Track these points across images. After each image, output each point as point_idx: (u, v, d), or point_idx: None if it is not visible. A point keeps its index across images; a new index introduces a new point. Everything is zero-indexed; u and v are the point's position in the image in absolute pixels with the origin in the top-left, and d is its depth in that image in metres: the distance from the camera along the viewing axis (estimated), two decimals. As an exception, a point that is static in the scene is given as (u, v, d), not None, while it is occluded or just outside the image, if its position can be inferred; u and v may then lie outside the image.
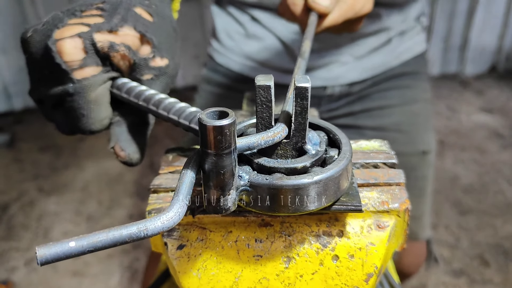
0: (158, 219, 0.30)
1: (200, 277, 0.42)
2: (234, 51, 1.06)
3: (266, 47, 1.03)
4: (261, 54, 1.03)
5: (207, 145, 0.32)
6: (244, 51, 1.05)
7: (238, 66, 1.06)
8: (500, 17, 3.28)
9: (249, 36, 1.03)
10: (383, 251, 0.42)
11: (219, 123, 0.31)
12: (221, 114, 0.33)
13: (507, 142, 2.63)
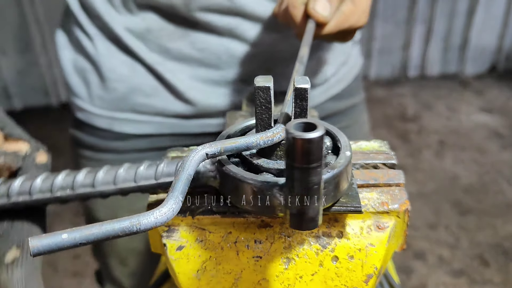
0: (151, 214, 0.29)
1: (199, 278, 0.42)
2: (94, 103, 0.79)
3: (135, 87, 0.77)
4: (132, 99, 0.78)
5: (294, 159, 0.30)
6: (107, 100, 0.78)
7: (105, 122, 0.80)
8: (500, 17, 3.28)
9: (106, 75, 0.76)
10: (382, 252, 0.42)
11: (310, 135, 0.29)
12: (307, 126, 0.31)
13: (507, 142, 2.63)
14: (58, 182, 0.36)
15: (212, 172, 0.39)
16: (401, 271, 1.83)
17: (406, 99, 3.16)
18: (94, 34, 0.76)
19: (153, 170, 0.38)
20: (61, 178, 0.37)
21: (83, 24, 0.76)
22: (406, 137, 2.73)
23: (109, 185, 0.37)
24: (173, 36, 0.73)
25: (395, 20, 3.23)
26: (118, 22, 0.73)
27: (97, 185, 0.37)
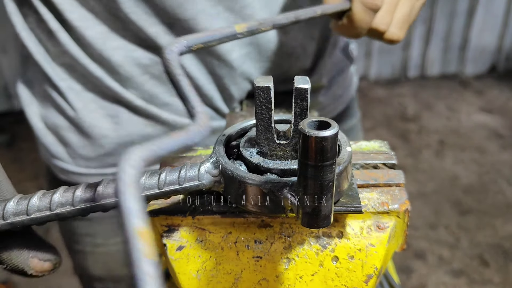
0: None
1: (199, 279, 0.42)
2: (77, 163, 0.71)
3: (124, 140, 0.68)
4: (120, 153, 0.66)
5: (309, 157, 0.30)
6: (90, 159, 0.70)
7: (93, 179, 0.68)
8: (500, 17, 3.28)
9: (88, 132, 0.67)
10: (383, 252, 0.42)
11: (323, 133, 0.29)
12: (321, 124, 0.31)
13: (507, 142, 2.63)
14: (56, 199, 0.35)
15: (216, 177, 0.38)
16: (401, 271, 1.83)
17: (406, 99, 3.16)
18: (65, 88, 0.66)
19: (156, 179, 0.37)
20: (59, 195, 0.35)
21: (50, 76, 0.65)
22: (406, 137, 2.73)
23: (110, 198, 0.35)
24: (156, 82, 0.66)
25: (395, 20, 3.23)
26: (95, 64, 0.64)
27: (98, 199, 0.35)
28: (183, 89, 0.28)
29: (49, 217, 0.35)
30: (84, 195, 0.35)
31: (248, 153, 0.40)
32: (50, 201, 0.35)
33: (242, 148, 0.41)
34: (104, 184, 0.36)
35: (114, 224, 0.76)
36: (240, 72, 0.67)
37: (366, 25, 0.54)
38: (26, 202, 0.35)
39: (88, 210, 0.35)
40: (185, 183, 0.37)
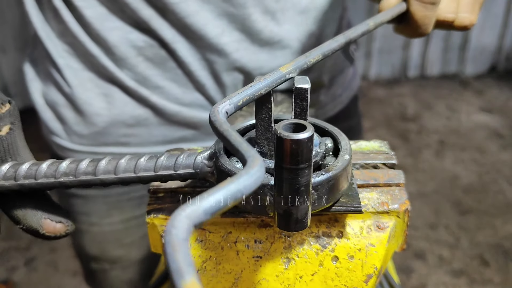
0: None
1: (199, 278, 0.42)
2: (72, 140, 0.73)
3: (116, 119, 0.70)
4: (113, 133, 0.71)
5: (284, 160, 0.30)
6: (85, 135, 0.72)
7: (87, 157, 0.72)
8: (500, 17, 3.28)
9: (82, 109, 0.70)
10: (383, 252, 0.42)
11: (298, 136, 0.29)
12: (297, 127, 0.31)
13: (507, 142, 2.63)
14: (62, 169, 0.38)
15: (210, 168, 0.39)
16: (401, 271, 1.83)
17: (406, 99, 3.16)
18: (63, 65, 0.68)
19: (153, 163, 0.38)
20: (65, 165, 0.38)
21: (51, 53, 0.68)
22: (406, 137, 2.73)
23: (110, 175, 0.38)
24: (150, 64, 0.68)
25: (395, 20, 3.23)
26: (93, 43, 0.67)
27: (98, 173, 0.37)
28: (232, 142, 0.28)
29: (53, 184, 0.37)
30: (87, 168, 0.37)
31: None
32: (56, 170, 0.38)
33: (242, 148, 0.41)
34: (106, 160, 0.38)
35: (108, 204, 0.79)
36: (232, 59, 0.67)
37: (430, 20, 0.52)
38: (36, 167, 0.38)
39: (88, 182, 0.38)
40: (180, 170, 0.38)
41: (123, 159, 0.38)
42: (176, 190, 0.46)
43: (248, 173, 0.23)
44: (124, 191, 0.78)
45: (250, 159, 0.25)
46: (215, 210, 0.21)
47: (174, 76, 0.69)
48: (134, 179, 0.38)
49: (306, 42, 0.71)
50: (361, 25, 0.46)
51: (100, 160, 0.38)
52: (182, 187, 0.46)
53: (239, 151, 0.27)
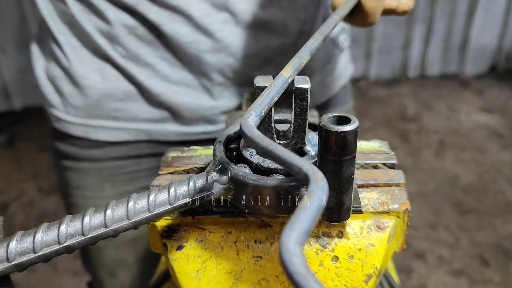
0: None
1: (199, 278, 0.42)
2: (68, 111, 0.78)
3: (108, 93, 0.75)
4: (105, 105, 0.76)
5: (330, 152, 0.30)
6: (80, 107, 0.77)
7: (81, 129, 0.78)
8: (500, 17, 3.28)
9: (78, 81, 0.75)
10: (382, 252, 0.42)
11: (345, 128, 0.30)
12: (340, 119, 0.31)
13: (507, 142, 2.63)
14: (64, 231, 0.33)
15: (225, 185, 0.37)
16: (401, 271, 1.83)
17: (406, 99, 3.16)
18: (63, 41, 0.74)
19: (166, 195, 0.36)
20: (66, 225, 0.33)
21: (53, 31, 0.74)
22: (406, 137, 2.73)
23: (123, 222, 0.34)
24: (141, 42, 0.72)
25: (395, 20, 3.23)
26: (90, 22, 0.72)
27: (109, 224, 0.34)
28: (282, 156, 0.28)
29: (58, 251, 0.32)
30: (94, 221, 0.33)
31: (248, 153, 0.40)
32: (58, 234, 0.32)
33: (242, 149, 0.41)
34: (112, 206, 0.35)
35: (101, 177, 0.81)
36: (216, 39, 0.71)
37: (379, 10, 0.56)
38: (30, 238, 0.32)
39: (100, 237, 0.33)
40: (195, 196, 0.37)
41: (131, 201, 0.35)
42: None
43: (320, 188, 0.24)
44: (116, 166, 0.81)
45: (310, 172, 0.25)
46: (312, 228, 0.22)
47: (163, 54, 0.73)
48: (151, 218, 0.35)
49: (290, 26, 0.74)
50: (330, 20, 0.49)
51: (105, 210, 0.34)
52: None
53: (293, 164, 0.27)
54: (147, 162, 0.82)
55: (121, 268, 0.89)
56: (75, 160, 0.82)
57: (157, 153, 0.80)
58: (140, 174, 0.82)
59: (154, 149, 0.80)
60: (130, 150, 0.80)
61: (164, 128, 0.79)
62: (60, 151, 0.83)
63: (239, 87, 0.77)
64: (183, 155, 0.51)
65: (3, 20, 2.82)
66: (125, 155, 0.81)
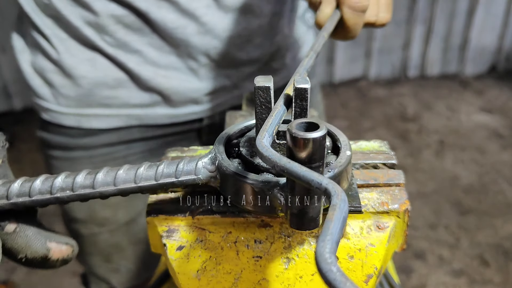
0: None
1: (199, 278, 0.42)
2: (59, 102, 0.79)
3: (98, 82, 0.77)
4: (97, 94, 0.78)
5: (296, 158, 0.30)
6: (71, 97, 0.78)
7: (73, 119, 0.80)
8: (500, 17, 3.28)
9: (68, 73, 0.77)
10: (382, 252, 0.42)
11: (311, 135, 0.29)
12: (309, 126, 0.31)
13: (507, 142, 2.63)
14: (57, 184, 0.36)
15: (213, 172, 0.39)
16: (401, 271, 1.83)
17: (406, 99, 3.16)
18: (51, 35, 0.75)
19: (153, 171, 0.38)
20: (61, 180, 0.36)
21: (38, 25, 0.75)
22: (406, 137, 2.73)
23: (109, 186, 0.37)
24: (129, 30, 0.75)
25: (395, 20, 3.23)
26: (76, 15, 0.73)
27: (97, 186, 0.36)
28: (300, 174, 0.29)
29: (49, 200, 0.36)
30: (84, 181, 0.37)
31: (248, 152, 0.40)
32: (52, 185, 0.36)
33: (241, 148, 0.41)
34: (104, 171, 0.37)
35: (93, 164, 0.83)
36: (201, 22, 0.75)
37: (360, 25, 0.59)
38: (29, 184, 0.36)
39: (87, 196, 0.37)
40: (181, 176, 0.38)
41: (121, 169, 0.37)
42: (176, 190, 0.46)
43: (341, 200, 0.26)
44: (108, 152, 0.83)
45: (329, 186, 0.27)
46: (341, 237, 0.25)
47: (150, 40, 0.76)
48: (135, 189, 0.37)
49: (264, 8, 0.80)
50: (320, 38, 0.52)
51: (97, 172, 0.37)
52: (182, 187, 0.46)
53: (313, 180, 0.28)
54: (137, 147, 0.85)
55: (116, 252, 0.92)
56: (67, 149, 0.84)
57: (148, 137, 0.84)
58: (131, 159, 0.85)
59: (145, 133, 0.84)
60: (121, 136, 0.83)
61: (154, 112, 0.82)
62: (50, 142, 0.85)
63: (222, 68, 0.82)
64: (183, 155, 0.51)
65: (3, 20, 2.82)
66: (117, 141, 0.83)
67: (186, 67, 0.79)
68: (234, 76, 0.85)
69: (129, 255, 0.93)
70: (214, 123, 0.89)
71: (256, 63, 0.86)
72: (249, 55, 0.83)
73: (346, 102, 3.14)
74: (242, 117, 0.67)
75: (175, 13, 0.73)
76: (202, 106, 0.84)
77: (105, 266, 0.93)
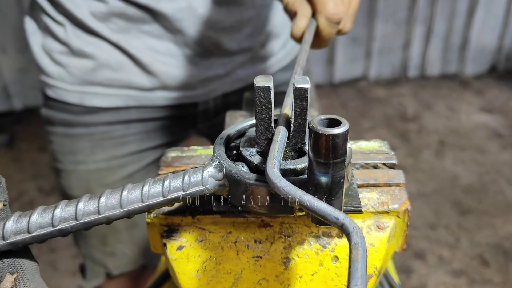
0: None
1: (199, 278, 0.42)
2: (64, 80, 0.85)
3: (102, 63, 0.84)
4: (100, 74, 0.84)
5: (320, 154, 0.30)
6: (77, 76, 0.84)
7: (76, 96, 0.86)
8: (500, 17, 3.28)
9: (76, 54, 0.83)
10: (383, 252, 0.42)
11: (335, 131, 0.29)
12: (331, 122, 0.31)
13: (507, 142, 2.63)
14: (58, 214, 0.34)
15: (220, 181, 0.38)
16: (401, 271, 1.83)
17: (406, 99, 3.16)
18: (60, 21, 0.82)
19: (160, 187, 0.36)
20: (61, 209, 0.34)
21: (50, 13, 0.82)
22: (406, 137, 2.73)
23: (116, 210, 0.35)
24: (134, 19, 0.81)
25: (395, 20, 3.23)
26: (82, 7, 0.79)
27: (102, 211, 0.34)
28: (316, 207, 0.29)
29: (51, 233, 0.34)
30: (88, 207, 0.34)
31: (248, 153, 0.40)
32: (52, 217, 0.34)
33: (242, 148, 0.41)
34: (107, 194, 0.35)
35: (92, 141, 0.89)
36: (199, 13, 0.80)
37: (333, 35, 0.62)
38: (26, 219, 0.33)
39: (92, 223, 0.34)
40: (189, 189, 0.37)
41: (125, 190, 0.36)
42: (176, 190, 0.46)
43: (361, 238, 0.27)
44: (107, 130, 0.89)
45: (346, 222, 0.28)
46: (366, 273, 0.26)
47: (151, 28, 0.82)
48: (144, 209, 0.36)
49: (259, 1, 0.86)
50: (303, 52, 0.54)
51: (99, 197, 0.35)
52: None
53: (329, 214, 0.29)
54: (135, 127, 0.90)
55: (112, 234, 0.95)
56: (69, 126, 0.89)
57: (145, 118, 0.90)
58: (129, 139, 0.90)
59: (142, 114, 0.89)
60: (120, 115, 0.88)
61: (152, 95, 0.88)
62: (53, 119, 0.90)
63: (216, 57, 0.88)
64: (183, 155, 0.51)
65: (3, 20, 2.81)
66: (115, 120, 0.88)
67: (183, 55, 0.85)
68: (227, 64, 0.90)
69: (125, 239, 0.96)
70: (208, 109, 0.94)
71: (247, 52, 0.91)
72: (240, 44, 0.89)
73: (346, 102, 3.14)
74: (242, 117, 0.68)
75: (173, 6, 0.79)
76: (196, 91, 0.89)
77: (101, 249, 0.96)
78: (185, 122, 0.96)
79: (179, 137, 1.00)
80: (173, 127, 0.95)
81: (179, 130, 0.97)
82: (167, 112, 0.91)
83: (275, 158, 0.33)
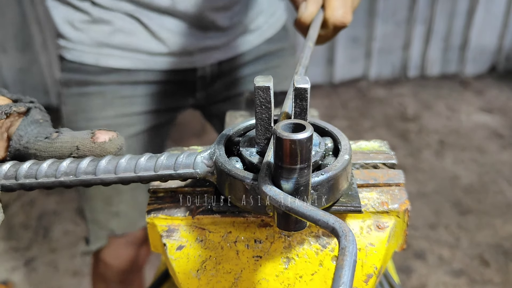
0: None
1: (199, 278, 0.42)
2: (83, 43, 0.98)
3: (118, 29, 0.97)
4: (116, 38, 0.97)
5: (282, 159, 0.30)
6: (95, 39, 0.97)
7: (93, 57, 0.98)
8: (500, 17, 3.28)
9: (96, 21, 0.96)
10: (382, 251, 0.42)
11: (297, 136, 0.29)
12: (296, 127, 0.31)
13: (507, 142, 2.63)
14: (62, 168, 0.38)
15: (210, 167, 0.39)
16: (401, 271, 1.83)
17: (406, 99, 3.16)
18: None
19: (153, 162, 0.38)
20: (66, 165, 0.38)
21: None
22: (406, 137, 2.73)
23: (110, 174, 0.38)
24: None
25: (395, 20, 3.23)
26: None
27: (98, 173, 0.38)
28: (306, 213, 0.29)
29: (53, 184, 0.38)
30: (87, 168, 0.38)
31: (247, 152, 0.40)
32: (57, 169, 0.38)
33: (241, 147, 0.41)
34: (106, 159, 0.38)
35: (103, 99, 1.00)
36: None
37: (331, 39, 0.64)
38: (37, 167, 0.38)
39: (88, 182, 0.38)
40: (179, 169, 0.38)
41: (123, 158, 0.38)
42: (176, 190, 0.46)
43: (350, 242, 0.26)
44: (117, 89, 1.00)
45: (337, 225, 0.27)
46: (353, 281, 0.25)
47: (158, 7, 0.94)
48: (134, 179, 0.38)
49: None
50: (306, 48, 0.53)
51: (100, 160, 0.38)
52: (182, 187, 0.46)
53: (319, 219, 0.28)
54: (141, 89, 1.02)
55: (117, 195, 1.04)
56: (84, 85, 1.00)
57: (150, 80, 1.02)
58: (136, 100, 1.02)
59: (148, 76, 1.01)
60: (129, 76, 1.00)
61: (158, 59, 0.99)
62: (70, 81, 1.01)
63: (212, 31, 1.00)
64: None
65: (4, 20, 2.81)
66: (125, 81, 1.00)
67: (184, 28, 0.98)
68: (221, 37, 1.02)
69: (128, 199, 1.05)
70: (205, 76, 1.05)
71: (238, 26, 1.04)
72: (232, 21, 1.01)
73: (346, 102, 3.14)
74: (242, 117, 0.68)
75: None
76: (195, 57, 1.02)
77: (106, 211, 1.05)
78: (185, 89, 1.07)
79: (179, 104, 1.11)
80: (175, 92, 1.06)
81: (180, 97, 1.09)
82: (170, 76, 1.02)
83: (266, 170, 0.34)
